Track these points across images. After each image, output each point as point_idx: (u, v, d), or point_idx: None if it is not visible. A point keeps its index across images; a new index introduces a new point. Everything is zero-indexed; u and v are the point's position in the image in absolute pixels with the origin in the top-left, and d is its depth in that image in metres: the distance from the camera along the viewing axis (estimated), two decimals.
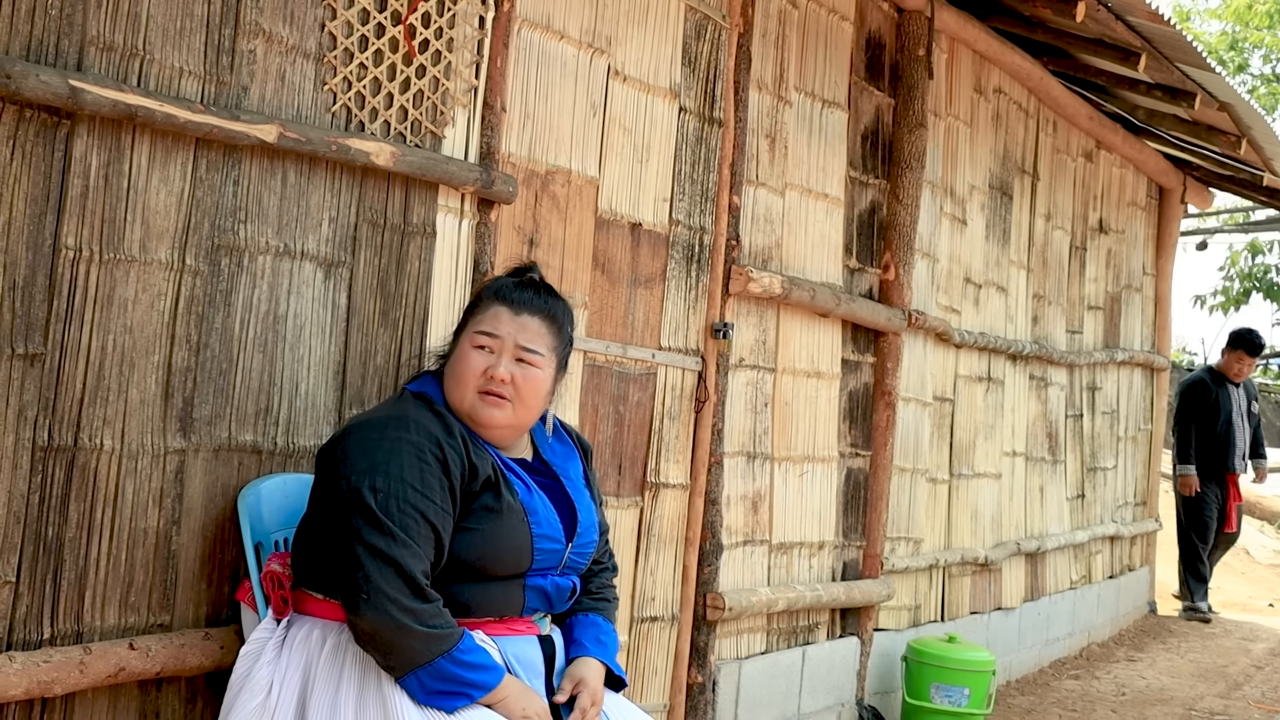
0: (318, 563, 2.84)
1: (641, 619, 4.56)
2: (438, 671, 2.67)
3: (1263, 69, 23.49)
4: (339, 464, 2.78)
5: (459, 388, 2.91)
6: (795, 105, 5.24)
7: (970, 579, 7.01)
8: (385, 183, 3.42)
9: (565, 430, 3.21)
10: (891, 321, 5.85)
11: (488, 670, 2.73)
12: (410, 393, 2.93)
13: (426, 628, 2.66)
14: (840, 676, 5.74)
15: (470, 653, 2.71)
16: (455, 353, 2.95)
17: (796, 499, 5.40)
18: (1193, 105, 7.10)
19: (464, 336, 2.95)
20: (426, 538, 2.72)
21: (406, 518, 2.70)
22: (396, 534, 2.68)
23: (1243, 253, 24.23)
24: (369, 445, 2.77)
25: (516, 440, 3.03)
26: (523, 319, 2.95)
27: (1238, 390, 10.21)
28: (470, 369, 2.90)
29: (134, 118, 2.77)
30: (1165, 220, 10.00)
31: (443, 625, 2.69)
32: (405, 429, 2.79)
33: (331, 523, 2.76)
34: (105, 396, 2.82)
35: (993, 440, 7.22)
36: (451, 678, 2.68)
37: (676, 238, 4.59)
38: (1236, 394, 10.20)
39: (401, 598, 2.65)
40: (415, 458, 2.75)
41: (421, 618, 2.66)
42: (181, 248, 2.94)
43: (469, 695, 2.70)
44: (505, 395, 2.90)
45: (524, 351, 2.93)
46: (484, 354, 2.92)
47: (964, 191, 6.73)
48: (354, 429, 2.84)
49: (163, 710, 3.00)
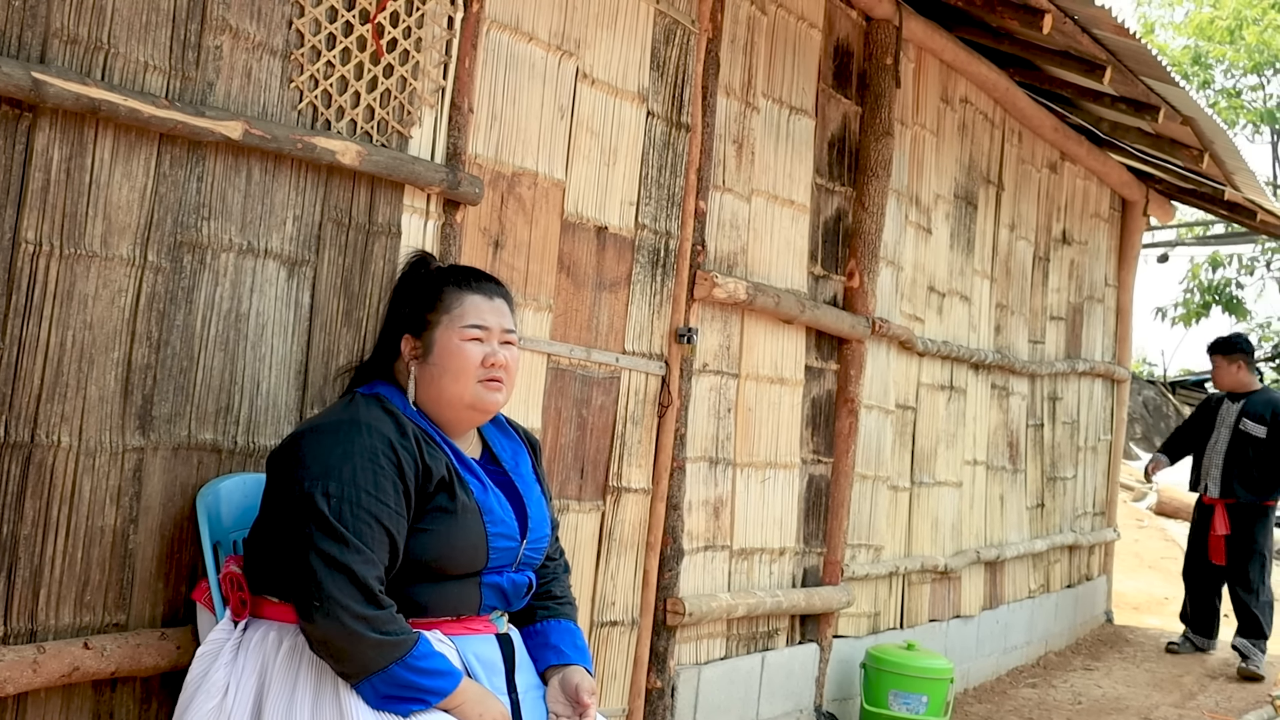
0: (271, 567, 2.82)
1: (601, 623, 4.55)
2: (392, 678, 2.65)
3: (1225, 83, 23.70)
4: (291, 469, 2.76)
5: (459, 381, 2.91)
6: (763, 111, 5.25)
7: (930, 587, 7.03)
8: (350, 182, 3.40)
9: (512, 426, 3.21)
10: (855, 329, 5.86)
11: (443, 676, 2.71)
12: (361, 395, 2.91)
13: (380, 635, 2.64)
14: (799, 683, 5.74)
15: (425, 659, 2.70)
16: (441, 348, 2.92)
17: (758, 505, 5.41)
18: (1156, 119, 7.14)
19: (446, 331, 2.92)
20: (381, 543, 2.71)
21: (360, 523, 2.69)
22: (350, 540, 2.66)
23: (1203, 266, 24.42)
24: (321, 450, 2.75)
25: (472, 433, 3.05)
26: (496, 303, 2.98)
27: (1234, 405, 9.11)
28: (471, 361, 2.91)
29: (97, 112, 2.74)
30: (1128, 232, 10.06)
31: (396, 632, 2.67)
32: (358, 432, 2.77)
33: (284, 528, 2.74)
34: (64, 393, 2.79)
35: (954, 449, 7.24)
36: (406, 684, 2.67)
37: (642, 242, 4.58)
38: (1229, 409, 9.14)
39: (354, 605, 2.63)
40: (369, 461, 2.74)
41: (375, 624, 2.64)
42: (143, 244, 2.92)
43: (424, 701, 2.69)
44: (503, 379, 2.95)
45: (507, 334, 2.98)
46: (479, 345, 2.93)
47: (929, 200, 6.75)
48: (306, 433, 2.82)
49: (117, 711, 2.97)
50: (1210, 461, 9.06)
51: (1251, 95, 23.89)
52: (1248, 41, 21.77)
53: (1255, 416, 8.90)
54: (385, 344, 3.03)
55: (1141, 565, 12.07)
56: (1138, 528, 13.47)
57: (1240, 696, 8.12)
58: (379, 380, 2.99)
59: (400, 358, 2.98)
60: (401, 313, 3.01)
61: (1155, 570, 12.04)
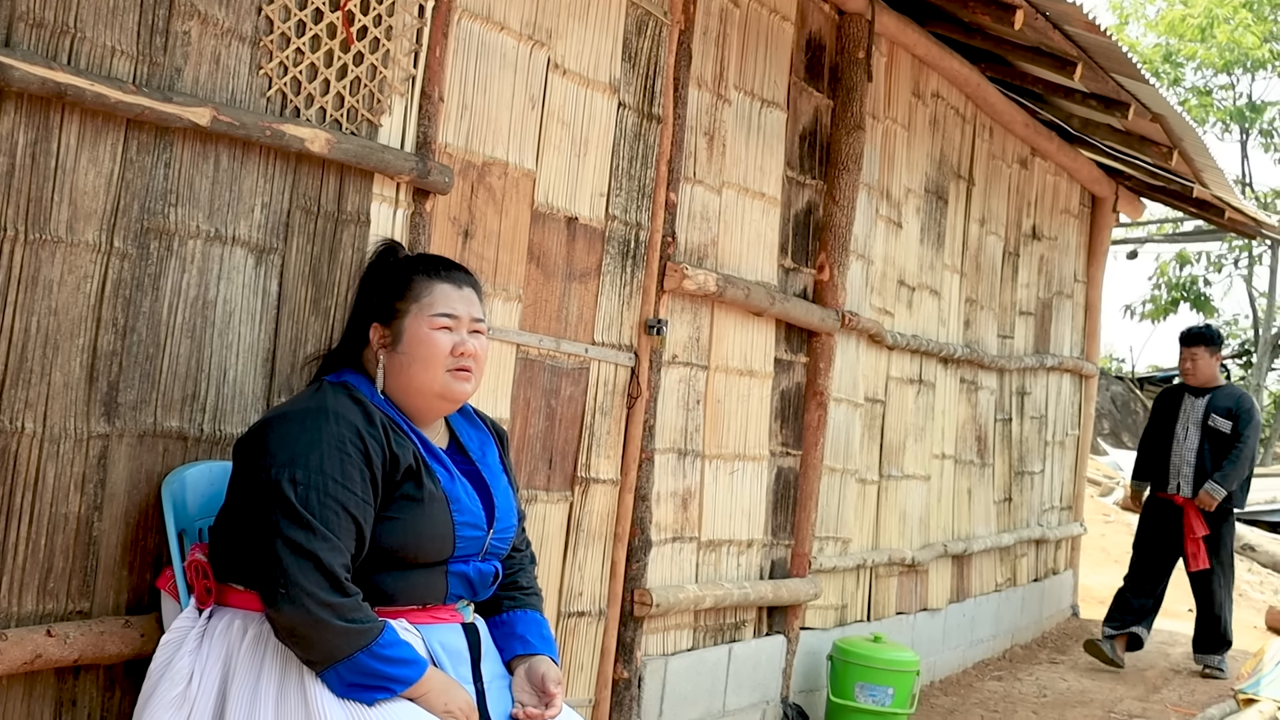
0: (237, 555, 2.81)
1: (569, 614, 4.55)
2: (357, 666, 2.65)
3: (1195, 81, 23.82)
4: (258, 456, 2.75)
5: (428, 370, 2.90)
6: (734, 104, 5.25)
7: (897, 579, 7.06)
8: (320, 170, 3.39)
9: (480, 417, 3.21)
10: (825, 322, 5.87)
11: (409, 664, 2.71)
12: (329, 383, 2.91)
13: (345, 622, 2.64)
14: (766, 674, 5.76)
15: (391, 647, 2.69)
16: (410, 337, 2.91)
17: (726, 497, 5.41)
18: (1126, 115, 7.18)
19: (415, 320, 2.92)
20: (348, 530, 2.71)
21: (327, 510, 2.68)
22: (316, 527, 2.66)
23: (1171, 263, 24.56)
24: (289, 437, 2.74)
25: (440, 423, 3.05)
26: (465, 292, 2.99)
27: (1197, 400, 8.75)
28: (440, 350, 2.91)
29: (63, 96, 2.72)
30: (1097, 228, 10.11)
31: (362, 619, 2.67)
32: (325, 420, 2.77)
33: (250, 515, 2.73)
34: (28, 379, 2.77)
35: (922, 442, 7.27)
36: (371, 673, 2.66)
37: (612, 233, 4.58)
38: (1193, 404, 8.77)
39: (319, 592, 2.62)
40: (336, 449, 2.73)
41: (340, 612, 2.64)
42: (110, 230, 2.90)
43: (389, 689, 2.69)
44: (472, 368, 2.95)
45: (476, 323, 2.98)
46: (448, 334, 2.93)
47: (900, 194, 6.76)
48: (273, 420, 2.82)
49: (80, 698, 2.96)
50: (1181, 459, 8.67)
51: (1222, 94, 24.04)
52: (1218, 40, 21.89)
53: (1223, 412, 8.63)
54: (353, 332, 3.03)
55: (1108, 560, 12.13)
56: (1104, 522, 13.54)
57: (1204, 690, 8.19)
58: (347, 369, 2.99)
59: (369, 346, 2.98)
60: (370, 301, 3.00)
61: (1121, 565, 12.04)
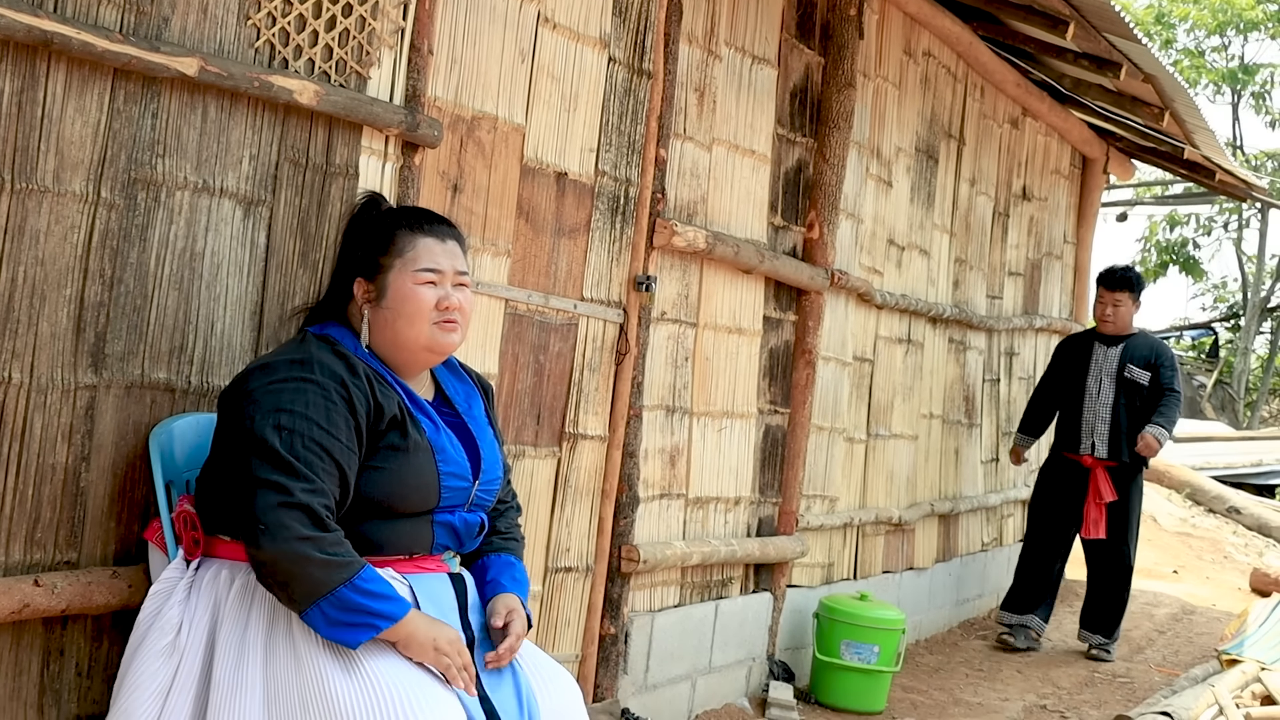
0: (222, 506, 2.82)
1: (556, 569, 4.56)
2: (340, 601, 2.65)
3: (1187, 43, 23.77)
4: (242, 405, 2.76)
5: (413, 325, 2.91)
6: (725, 60, 5.23)
7: (884, 538, 7.09)
8: (308, 122, 3.37)
9: (465, 370, 3.21)
10: (814, 280, 5.87)
11: (392, 600, 2.71)
12: (313, 334, 2.91)
13: (326, 555, 2.64)
14: (752, 631, 5.78)
15: (373, 582, 2.70)
16: (395, 292, 2.92)
17: (714, 454, 5.42)
18: (1118, 75, 7.16)
19: (400, 275, 2.92)
20: (331, 474, 2.71)
21: (310, 454, 2.69)
22: (299, 470, 2.67)
23: (1161, 225, 24.56)
24: (273, 386, 2.75)
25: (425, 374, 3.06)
26: (448, 245, 2.99)
27: (1110, 350, 7.76)
28: (425, 304, 2.92)
29: (49, 44, 2.70)
30: (1087, 189, 10.10)
31: (343, 554, 2.68)
32: (310, 370, 2.78)
33: (234, 464, 2.74)
34: (15, 329, 2.76)
35: (910, 402, 7.28)
36: (355, 607, 2.66)
37: (602, 189, 4.57)
38: (1105, 354, 7.77)
39: (299, 527, 2.63)
40: (321, 397, 2.75)
41: (321, 545, 2.64)
42: (97, 180, 2.89)
43: (374, 626, 2.68)
44: (458, 320, 2.95)
45: (460, 276, 2.98)
46: (433, 288, 2.93)
47: (890, 153, 6.75)
48: (256, 370, 2.82)
49: (68, 648, 2.97)
50: (1095, 416, 7.69)
51: (1214, 56, 23.99)
52: (1211, 1, 21.82)
53: (1140, 362, 7.68)
54: (337, 286, 3.03)
55: None
56: None
57: (1187, 651, 8.24)
58: (331, 322, 3.00)
59: (353, 300, 2.98)
60: (354, 255, 3.00)
61: None
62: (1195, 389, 22.44)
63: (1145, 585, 10.43)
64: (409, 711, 2.62)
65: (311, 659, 2.67)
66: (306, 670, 2.66)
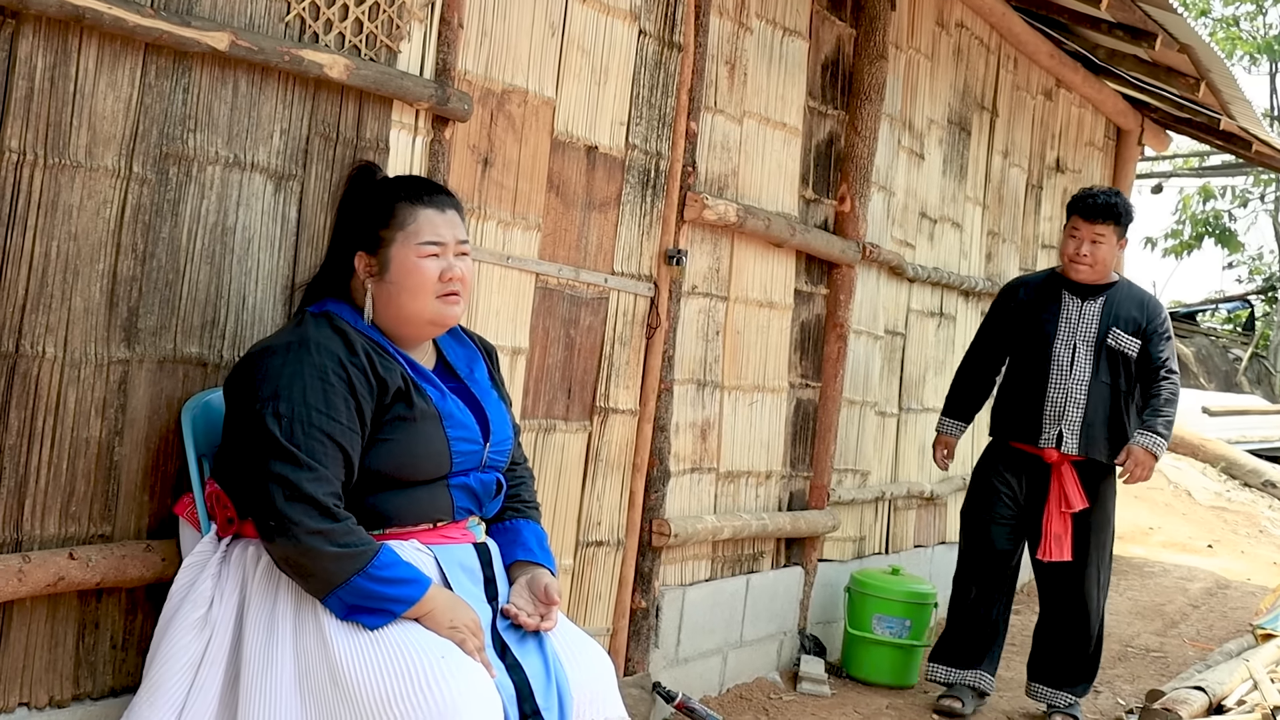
0: (237, 490, 2.84)
1: (587, 543, 4.57)
2: (355, 590, 2.67)
3: (1223, 12, 23.55)
4: (243, 391, 2.78)
5: (418, 298, 2.90)
6: (756, 32, 5.20)
7: (915, 512, 7.07)
8: (339, 96, 3.37)
9: (466, 333, 3.21)
10: (845, 254, 5.85)
11: (408, 584, 2.73)
12: (311, 314, 2.91)
13: (337, 547, 2.66)
14: (783, 605, 5.78)
15: (388, 568, 2.71)
16: (398, 266, 2.90)
17: (745, 428, 5.42)
18: (1153, 46, 7.08)
19: (402, 249, 2.90)
20: (334, 459, 2.72)
21: (312, 440, 2.70)
22: (301, 459, 2.67)
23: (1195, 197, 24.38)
24: (271, 371, 2.76)
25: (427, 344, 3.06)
26: (449, 215, 2.97)
27: (1086, 304, 5.63)
28: (429, 277, 2.90)
29: (81, 19, 2.71)
30: (1122, 161, 10.01)
31: (355, 543, 2.69)
32: (307, 352, 2.77)
33: (241, 451, 2.77)
34: (48, 304, 2.78)
35: (942, 375, 7.25)
36: (370, 595, 2.68)
37: (632, 162, 4.56)
38: (1079, 310, 5.63)
39: (308, 521, 2.64)
40: (318, 380, 2.74)
41: (331, 538, 2.66)
42: (129, 155, 2.89)
43: (390, 611, 2.70)
44: (460, 291, 2.94)
45: (461, 245, 2.97)
46: (436, 260, 2.91)
47: (922, 125, 6.71)
48: (255, 355, 2.83)
49: (102, 621, 2.99)
50: (1065, 396, 5.53)
51: (1250, 25, 23.76)
52: None
53: (1128, 324, 5.57)
54: (336, 259, 3.01)
55: (1127, 495, 12.12)
56: None
57: (1221, 626, 8.21)
58: (329, 297, 2.98)
59: (355, 275, 2.97)
60: (353, 228, 2.98)
61: (1141, 500, 12.08)
62: (1231, 362, 22.28)
63: (1180, 559, 10.39)
64: (437, 680, 2.63)
65: (338, 634, 2.68)
66: (334, 645, 2.68)
